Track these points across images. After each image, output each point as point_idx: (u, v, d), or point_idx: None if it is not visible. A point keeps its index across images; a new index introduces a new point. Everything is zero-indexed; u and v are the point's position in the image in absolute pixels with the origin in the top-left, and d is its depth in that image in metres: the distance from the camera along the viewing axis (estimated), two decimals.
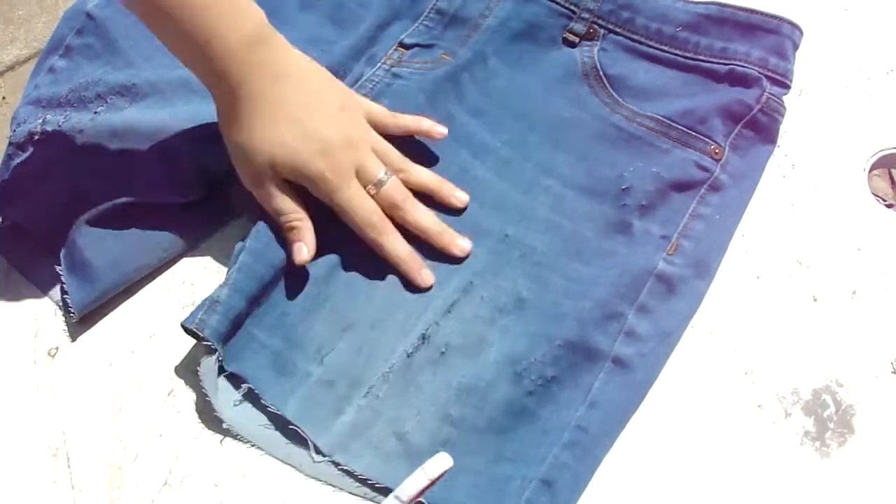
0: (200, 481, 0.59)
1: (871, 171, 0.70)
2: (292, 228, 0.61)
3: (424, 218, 0.63)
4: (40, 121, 0.68)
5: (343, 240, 0.63)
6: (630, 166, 0.66)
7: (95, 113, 0.69)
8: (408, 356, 0.60)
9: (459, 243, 0.63)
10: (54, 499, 0.58)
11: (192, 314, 0.59)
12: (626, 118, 0.68)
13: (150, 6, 0.56)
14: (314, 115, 0.60)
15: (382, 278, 0.63)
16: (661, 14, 0.70)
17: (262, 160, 0.59)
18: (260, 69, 0.59)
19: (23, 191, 0.66)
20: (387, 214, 0.62)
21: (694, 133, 0.67)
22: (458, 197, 0.65)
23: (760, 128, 0.67)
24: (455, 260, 0.63)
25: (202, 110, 0.68)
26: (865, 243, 0.66)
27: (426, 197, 0.65)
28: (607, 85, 0.70)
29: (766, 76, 0.67)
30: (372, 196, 0.62)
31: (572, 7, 0.72)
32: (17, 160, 0.67)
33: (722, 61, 0.68)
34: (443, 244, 0.63)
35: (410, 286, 0.63)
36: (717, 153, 0.66)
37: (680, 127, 0.67)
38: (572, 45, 0.71)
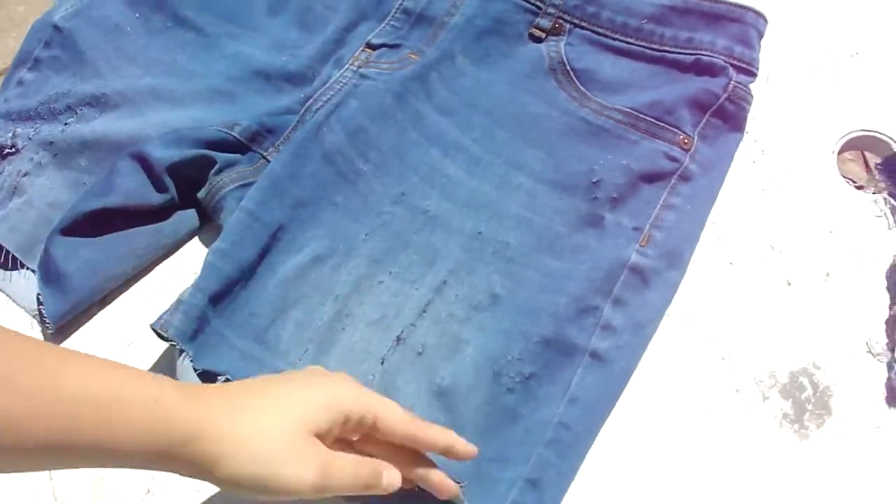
0: (183, 488, 0.59)
1: (840, 153, 0.71)
2: (394, 485, 0.49)
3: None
4: (10, 134, 0.69)
5: (314, 242, 0.64)
6: (600, 159, 0.66)
7: (66, 124, 0.69)
8: (384, 361, 0.60)
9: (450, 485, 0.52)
10: None
11: (160, 316, 0.59)
12: (594, 112, 0.68)
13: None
14: (295, 382, 0.49)
15: (354, 281, 0.63)
16: (625, 7, 0.70)
17: (297, 447, 0.46)
18: (212, 406, 0.45)
19: None
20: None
21: (662, 124, 0.67)
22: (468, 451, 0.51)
23: (728, 116, 0.67)
24: (428, 259, 0.63)
25: (171, 118, 0.69)
26: (837, 226, 0.67)
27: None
28: (574, 79, 0.70)
29: (732, 65, 0.67)
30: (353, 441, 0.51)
31: (538, 3, 0.72)
32: None
33: (687, 51, 0.68)
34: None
35: (384, 289, 0.63)
36: (686, 143, 0.66)
37: (648, 118, 0.67)
38: (539, 40, 0.71)
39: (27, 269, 0.66)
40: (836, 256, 0.65)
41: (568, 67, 0.70)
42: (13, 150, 0.69)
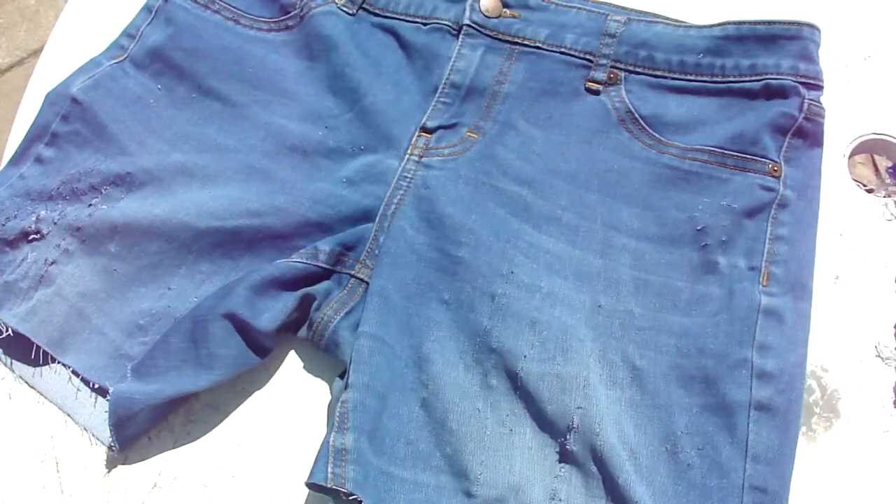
0: (190, 482, 0.59)
1: (851, 156, 0.71)
2: None
3: None
4: (33, 218, 0.65)
5: (438, 346, 0.61)
6: (698, 204, 0.64)
7: (90, 206, 0.66)
8: (561, 457, 0.57)
9: None
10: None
11: (318, 468, 0.55)
12: (676, 157, 0.66)
13: None
14: None
15: (497, 376, 0.60)
16: (678, 45, 0.68)
17: None
18: None
19: (19, 295, 0.64)
20: None
21: (749, 156, 0.65)
22: None
23: (807, 134, 0.65)
24: (560, 336, 0.59)
25: (204, 197, 0.66)
26: (847, 229, 0.66)
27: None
28: (646, 126, 0.67)
29: (801, 83, 0.65)
30: None
31: (588, 57, 0.70)
32: (6, 258, 0.64)
33: (754, 78, 0.66)
34: None
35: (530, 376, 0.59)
36: (776, 171, 0.64)
37: (734, 154, 0.65)
38: (596, 93, 0.69)
39: (59, 363, 0.63)
40: (845, 260, 0.65)
41: (636, 115, 0.68)
42: (38, 235, 0.65)
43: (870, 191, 0.69)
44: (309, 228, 0.65)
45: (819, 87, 0.66)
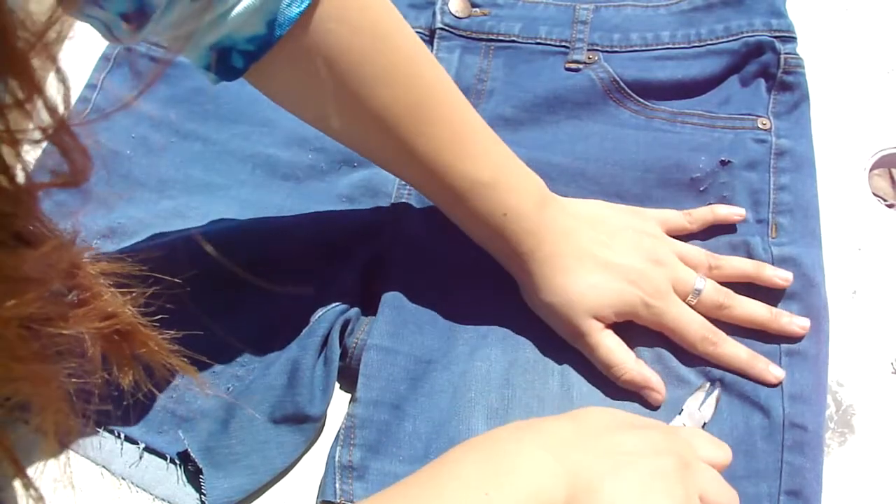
0: None
1: (871, 170, 0.70)
2: (629, 381, 0.58)
3: (754, 308, 0.60)
4: None
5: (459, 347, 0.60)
6: (698, 163, 0.65)
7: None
8: None
9: (797, 322, 0.59)
10: (54, 499, 0.58)
11: (328, 484, 0.55)
12: (666, 121, 0.67)
13: (445, 191, 0.57)
14: (614, 250, 0.59)
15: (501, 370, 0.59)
16: (650, 23, 0.70)
17: (581, 313, 0.58)
18: (552, 228, 0.58)
19: None
20: (711, 316, 0.60)
21: (737, 116, 0.67)
22: (783, 277, 0.60)
23: (789, 87, 0.67)
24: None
25: (206, 231, 0.65)
26: (866, 243, 0.66)
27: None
28: (631, 93, 0.69)
29: (775, 38, 0.68)
30: (693, 306, 0.59)
31: (563, 44, 0.71)
32: None
33: (730, 39, 0.69)
34: (778, 327, 0.59)
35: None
36: (765, 125, 0.66)
37: (721, 115, 0.67)
38: (577, 70, 0.70)
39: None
40: (863, 274, 0.64)
41: (621, 83, 0.69)
42: None
43: (890, 206, 0.69)
44: (315, 249, 0.64)
45: (793, 39, 0.68)
